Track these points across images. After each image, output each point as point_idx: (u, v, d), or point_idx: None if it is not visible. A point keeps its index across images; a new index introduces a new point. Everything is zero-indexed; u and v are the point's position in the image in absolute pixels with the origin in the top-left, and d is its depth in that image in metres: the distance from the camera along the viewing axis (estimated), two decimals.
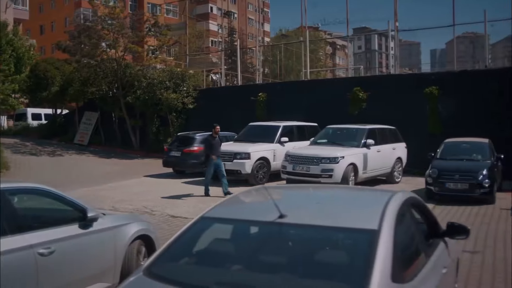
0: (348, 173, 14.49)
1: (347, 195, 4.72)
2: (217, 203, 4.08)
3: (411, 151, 17.50)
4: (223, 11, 67.37)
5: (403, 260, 3.30)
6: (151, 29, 25.40)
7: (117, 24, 24.55)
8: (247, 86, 28.36)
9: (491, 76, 18.82)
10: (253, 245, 3.54)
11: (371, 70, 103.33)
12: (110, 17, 24.83)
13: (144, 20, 26.16)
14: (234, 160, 16.17)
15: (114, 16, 24.78)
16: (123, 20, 25.17)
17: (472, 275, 7.13)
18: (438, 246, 4.46)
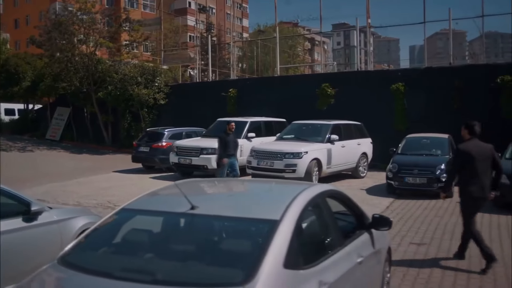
0: (312, 168, 14.71)
1: (261, 188, 4.96)
2: (139, 195, 4.27)
3: (378, 146, 17.78)
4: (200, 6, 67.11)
5: (304, 249, 3.52)
6: (122, 24, 25.37)
7: (88, 19, 24.47)
8: (218, 82, 28.46)
9: (455, 73, 19.21)
10: (167, 235, 3.75)
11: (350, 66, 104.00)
12: (81, 12, 24.72)
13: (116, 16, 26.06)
14: (201, 156, 16.32)
15: (85, 11, 24.68)
16: (94, 15, 25.05)
17: (414, 265, 7.38)
18: (359, 237, 4.69)
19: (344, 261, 3.95)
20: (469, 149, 7.27)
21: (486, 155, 7.29)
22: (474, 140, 7.38)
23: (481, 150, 7.29)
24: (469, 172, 7.23)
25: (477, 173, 7.19)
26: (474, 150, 7.23)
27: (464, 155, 7.29)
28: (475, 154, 7.20)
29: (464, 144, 7.42)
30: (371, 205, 12.42)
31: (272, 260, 3.08)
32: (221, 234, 3.64)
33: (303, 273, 3.29)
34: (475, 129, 7.42)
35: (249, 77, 30.51)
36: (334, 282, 3.57)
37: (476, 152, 7.22)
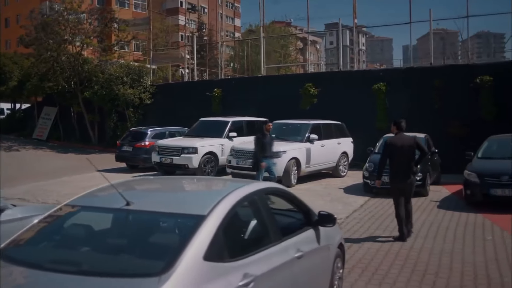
0: (290, 167, 14.88)
1: (199, 186, 5.14)
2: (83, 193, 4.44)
3: (360, 145, 17.92)
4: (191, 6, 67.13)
5: (231, 243, 3.71)
6: (108, 24, 25.47)
7: (74, 19, 24.55)
8: (204, 82, 28.66)
9: (435, 73, 19.41)
10: (102, 229, 3.95)
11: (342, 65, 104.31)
12: (67, 12, 24.81)
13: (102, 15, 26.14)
14: (182, 155, 16.47)
15: (71, 11, 24.77)
16: (81, 14, 25.14)
17: (374, 261, 7.55)
18: (302, 233, 4.86)
19: (278, 256, 4.11)
20: (395, 141, 8.98)
21: (409, 145, 8.90)
22: (400, 134, 9.07)
23: (405, 142, 8.91)
24: (396, 160, 8.86)
25: (402, 160, 8.80)
26: (399, 142, 8.89)
27: (391, 146, 8.95)
28: (400, 145, 8.83)
29: (391, 138, 9.22)
30: (346, 203, 12.63)
31: (192, 253, 3.25)
32: (151, 228, 3.81)
33: (227, 265, 3.46)
34: (402, 125, 9.09)
35: (234, 77, 30.65)
36: (262, 275, 3.73)
37: (400, 144, 8.85)
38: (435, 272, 7.04)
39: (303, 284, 4.66)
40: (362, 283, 6.62)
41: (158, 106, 25.06)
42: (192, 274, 3.17)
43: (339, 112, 19.07)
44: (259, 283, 3.66)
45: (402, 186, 8.89)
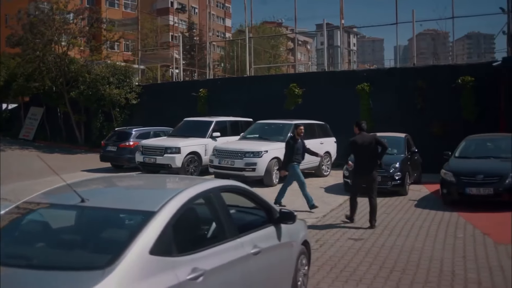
0: (272, 167, 14.98)
1: (155, 183, 5.25)
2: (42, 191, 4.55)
3: (344, 145, 18.00)
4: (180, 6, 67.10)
5: (180, 238, 3.80)
6: (94, 24, 25.50)
7: (59, 20, 24.56)
8: (189, 82, 28.74)
9: (418, 74, 19.59)
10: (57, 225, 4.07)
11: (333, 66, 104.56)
12: (53, 12, 24.82)
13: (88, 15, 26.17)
14: (165, 155, 16.53)
15: (57, 11, 24.77)
16: (67, 15, 25.15)
17: (344, 259, 7.67)
18: (261, 230, 4.96)
19: (231, 251, 4.22)
20: (357, 140, 10.02)
21: (370, 143, 9.95)
22: (362, 134, 10.11)
23: (366, 140, 9.96)
24: (359, 157, 10.05)
25: (363, 157, 9.94)
26: (360, 141, 9.97)
27: (353, 144, 10.07)
28: (361, 143, 9.93)
29: (354, 137, 10.16)
30: (325, 202, 12.75)
31: (138, 247, 3.36)
32: (104, 224, 3.92)
33: (175, 259, 3.57)
34: (362, 126, 10.21)
35: (219, 77, 30.71)
36: (213, 269, 3.86)
37: (361, 142, 9.93)
38: (402, 269, 7.17)
39: (261, 279, 4.76)
40: (329, 280, 6.74)
41: (145, 106, 25.13)
42: (137, 268, 3.27)
43: (324, 112, 19.21)
44: (209, 277, 3.78)
45: (365, 180, 10.03)
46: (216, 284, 3.91)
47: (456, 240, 8.82)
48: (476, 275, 6.90)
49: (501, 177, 11.36)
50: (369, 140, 10.03)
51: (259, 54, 64.24)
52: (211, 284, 3.84)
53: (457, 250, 8.18)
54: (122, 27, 41.31)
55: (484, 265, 7.35)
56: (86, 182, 5.00)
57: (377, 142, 10.08)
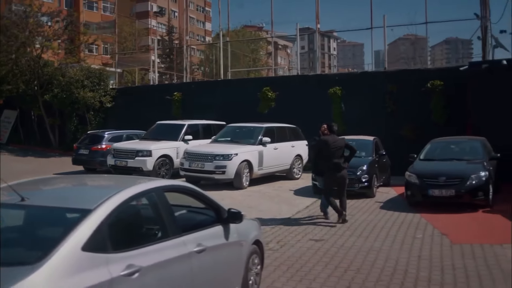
0: (242, 170, 15.08)
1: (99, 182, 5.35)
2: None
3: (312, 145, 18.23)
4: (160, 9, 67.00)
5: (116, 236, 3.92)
6: (68, 27, 25.40)
7: (33, 22, 24.43)
8: (164, 86, 28.82)
9: (389, 78, 19.86)
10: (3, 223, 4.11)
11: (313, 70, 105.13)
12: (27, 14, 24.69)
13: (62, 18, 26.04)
14: (136, 158, 16.57)
15: (30, 14, 24.65)
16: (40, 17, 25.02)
17: (302, 259, 7.79)
18: (207, 229, 5.07)
19: (172, 249, 4.33)
20: (326, 139, 10.33)
21: (339, 145, 10.30)
22: (332, 135, 10.47)
23: (335, 141, 10.30)
24: (327, 157, 10.22)
25: (333, 157, 10.17)
26: (330, 141, 10.26)
27: (322, 144, 10.37)
28: (331, 143, 10.20)
29: (323, 137, 10.58)
30: (293, 204, 12.88)
31: (70, 243, 3.46)
32: (41, 221, 4.01)
33: (108, 256, 3.66)
34: (333, 128, 10.63)
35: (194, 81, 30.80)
36: (150, 266, 3.97)
37: (331, 142, 10.22)
38: (357, 269, 7.31)
39: (207, 277, 4.85)
40: (284, 279, 6.85)
41: (120, 110, 25.08)
42: (67, 263, 3.37)
43: (296, 116, 19.41)
44: (146, 274, 3.90)
45: (336, 179, 10.34)
46: (154, 280, 4.01)
47: (414, 241, 8.99)
48: (428, 273, 7.08)
49: (462, 179, 11.62)
50: (340, 142, 10.40)
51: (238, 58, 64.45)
52: (149, 281, 3.94)
53: (414, 250, 8.36)
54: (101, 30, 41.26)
55: (437, 264, 7.53)
56: (30, 182, 5.07)
57: (346, 146, 10.48)
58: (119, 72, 38.95)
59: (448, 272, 7.14)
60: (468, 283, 6.68)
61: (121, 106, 25.09)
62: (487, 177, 11.82)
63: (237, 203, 12.79)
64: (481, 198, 11.60)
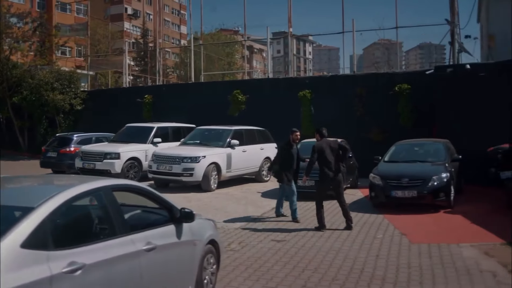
0: (210, 172, 15.10)
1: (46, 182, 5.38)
2: None
3: None
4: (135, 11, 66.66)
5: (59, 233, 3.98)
6: (37, 29, 25.16)
7: (1, 24, 24.15)
8: (135, 88, 28.68)
9: (358, 81, 20.11)
10: None
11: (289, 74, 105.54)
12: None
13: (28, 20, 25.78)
14: (104, 160, 16.49)
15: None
16: (8, 19, 24.74)
17: (261, 259, 7.85)
18: (158, 228, 5.12)
19: (119, 247, 4.37)
20: (321, 145, 10.34)
21: (334, 148, 10.29)
22: (324, 139, 10.48)
23: (329, 145, 10.31)
24: (324, 160, 10.17)
25: (328, 161, 10.14)
26: (325, 145, 10.29)
27: (318, 150, 10.26)
28: (325, 148, 10.22)
29: (318, 143, 10.51)
30: (259, 206, 12.96)
31: (8, 240, 3.49)
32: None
33: (49, 253, 3.68)
34: (323, 133, 10.59)
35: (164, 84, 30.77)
36: (94, 264, 4.01)
37: (326, 147, 10.25)
38: (314, 268, 7.40)
39: (157, 275, 4.89)
40: (241, 279, 6.91)
41: (91, 112, 24.94)
42: (4, 260, 3.39)
43: (267, 118, 19.54)
44: (90, 271, 3.94)
45: (331, 183, 10.27)
46: (98, 278, 4.05)
47: (374, 241, 9.13)
48: (383, 272, 7.20)
49: (424, 180, 11.83)
50: (334, 145, 10.38)
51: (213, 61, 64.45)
52: (93, 278, 3.98)
53: (373, 249, 8.49)
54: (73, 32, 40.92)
55: (394, 263, 7.66)
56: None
57: (339, 147, 10.40)
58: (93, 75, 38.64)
59: (403, 270, 7.28)
60: (422, 281, 6.83)
61: (92, 109, 24.94)
62: (449, 178, 12.06)
63: (204, 205, 12.88)
64: (442, 199, 11.81)
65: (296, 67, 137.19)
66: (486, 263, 7.60)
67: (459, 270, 7.26)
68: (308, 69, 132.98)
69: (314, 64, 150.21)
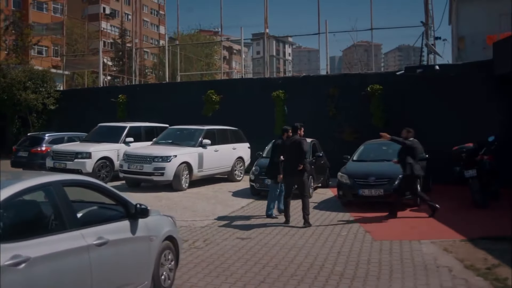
0: (181, 171, 15.10)
1: None
2: None
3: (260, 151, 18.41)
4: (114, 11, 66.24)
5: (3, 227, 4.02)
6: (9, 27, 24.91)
7: None
8: (109, 88, 28.51)
9: (330, 82, 20.25)
10: None
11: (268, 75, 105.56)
12: None
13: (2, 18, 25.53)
14: (75, 160, 16.38)
15: None
16: None
17: (224, 256, 7.91)
18: (111, 223, 5.16)
19: (67, 241, 4.40)
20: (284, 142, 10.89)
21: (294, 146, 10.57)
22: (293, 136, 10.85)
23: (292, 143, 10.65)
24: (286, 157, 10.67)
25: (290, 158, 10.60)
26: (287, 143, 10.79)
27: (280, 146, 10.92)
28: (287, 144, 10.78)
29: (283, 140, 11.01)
30: (228, 205, 12.99)
31: None
32: None
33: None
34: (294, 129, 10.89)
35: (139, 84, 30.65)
36: (40, 257, 4.04)
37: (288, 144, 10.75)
38: (275, 264, 7.48)
39: (108, 269, 4.93)
40: (201, 275, 6.96)
41: (64, 112, 24.72)
42: None
43: (241, 118, 19.61)
44: (35, 264, 3.97)
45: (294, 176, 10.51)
46: (45, 271, 4.08)
47: (338, 238, 9.25)
48: (342, 268, 7.31)
49: (390, 179, 11.98)
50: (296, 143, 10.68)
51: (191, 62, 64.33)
52: (39, 271, 4.01)
53: (335, 246, 8.60)
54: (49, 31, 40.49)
55: (354, 259, 7.78)
56: None
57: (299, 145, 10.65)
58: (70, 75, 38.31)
59: (362, 266, 7.39)
60: (379, 276, 6.94)
61: (66, 109, 24.73)
62: None
63: (173, 204, 12.90)
64: (408, 198, 11.95)
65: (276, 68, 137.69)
66: (443, 258, 7.75)
67: (417, 265, 7.41)
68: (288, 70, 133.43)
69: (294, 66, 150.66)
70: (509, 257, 7.59)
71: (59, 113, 24.86)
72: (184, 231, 9.84)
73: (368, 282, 6.69)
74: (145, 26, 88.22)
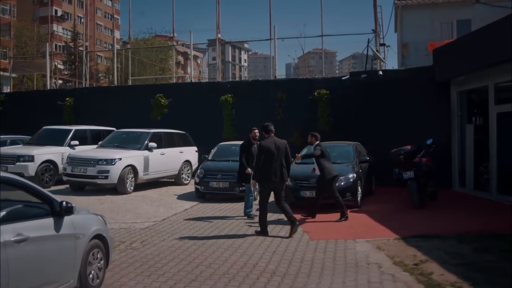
0: (126, 175, 14.97)
1: None
2: None
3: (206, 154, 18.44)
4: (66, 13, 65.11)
5: None
6: None
7: None
8: (56, 91, 28.00)
9: (279, 86, 20.48)
10: None
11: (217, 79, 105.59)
12: None
13: None
14: (17, 163, 15.98)
15: None
16: None
17: (159, 256, 7.90)
18: (32, 220, 5.12)
19: None
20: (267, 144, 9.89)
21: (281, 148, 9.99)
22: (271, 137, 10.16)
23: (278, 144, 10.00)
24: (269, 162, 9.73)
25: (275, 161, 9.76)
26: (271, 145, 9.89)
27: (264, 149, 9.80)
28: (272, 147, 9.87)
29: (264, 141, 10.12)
30: (171, 208, 12.97)
31: None
32: None
33: None
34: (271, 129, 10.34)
35: (86, 87, 30.20)
36: None
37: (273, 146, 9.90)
38: (209, 263, 7.52)
39: (29, 267, 4.87)
40: (133, 275, 6.94)
41: (9, 115, 24.06)
42: None
43: (189, 122, 19.61)
44: None
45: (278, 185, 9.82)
46: None
47: (275, 238, 9.35)
48: (275, 266, 7.40)
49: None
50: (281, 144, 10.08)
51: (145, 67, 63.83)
52: None
53: (272, 246, 8.70)
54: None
55: (288, 258, 7.89)
56: None
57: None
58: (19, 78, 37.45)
59: (295, 264, 7.51)
60: (309, 273, 7.07)
61: (10, 111, 24.09)
62: (355, 178, 12.50)
63: (116, 207, 12.78)
64: (349, 199, 12.19)
65: (231, 74, 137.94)
66: (375, 256, 7.96)
67: (349, 263, 7.58)
68: (244, 76, 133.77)
69: (250, 72, 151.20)
70: (436, 253, 7.87)
71: (3, 116, 24.20)
72: (123, 233, 9.79)
73: (298, 279, 6.81)
74: (99, 30, 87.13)
